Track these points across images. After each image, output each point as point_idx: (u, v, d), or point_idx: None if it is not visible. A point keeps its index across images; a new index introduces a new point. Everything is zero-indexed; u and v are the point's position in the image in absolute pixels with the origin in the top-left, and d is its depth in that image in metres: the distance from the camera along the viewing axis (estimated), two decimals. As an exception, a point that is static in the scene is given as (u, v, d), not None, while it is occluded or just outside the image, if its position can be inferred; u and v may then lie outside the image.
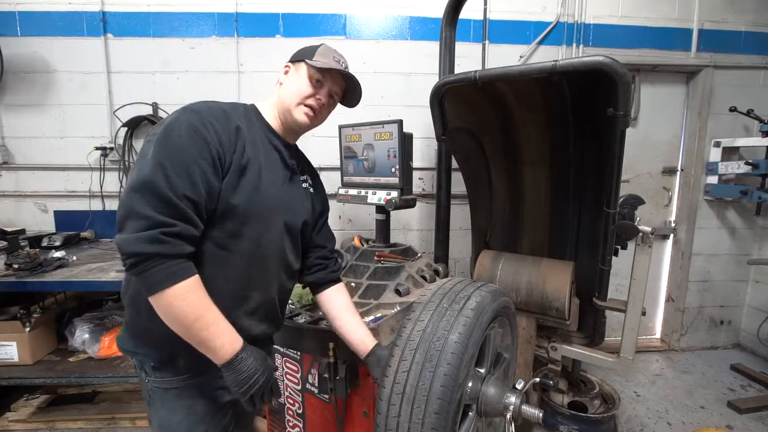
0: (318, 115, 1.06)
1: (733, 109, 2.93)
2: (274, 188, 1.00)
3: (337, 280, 1.24)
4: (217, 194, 0.88)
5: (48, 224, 2.80)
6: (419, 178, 2.92)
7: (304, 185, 1.15)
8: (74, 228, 2.72)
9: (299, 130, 1.08)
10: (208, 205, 0.86)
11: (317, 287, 1.22)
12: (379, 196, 2.01)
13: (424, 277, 1.75)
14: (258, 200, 0.94)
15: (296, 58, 1.06)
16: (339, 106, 1.16)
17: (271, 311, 1.08)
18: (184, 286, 0.80)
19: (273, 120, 1.06)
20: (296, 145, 1.17)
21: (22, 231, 2.63)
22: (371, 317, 1.46)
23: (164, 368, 0.95)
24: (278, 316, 1.13)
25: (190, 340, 0.84)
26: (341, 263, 1.33)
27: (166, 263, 0.78)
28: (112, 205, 2.81)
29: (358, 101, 1.14)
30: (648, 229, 1.77)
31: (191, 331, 0.82)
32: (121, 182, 2.76)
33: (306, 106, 1.02)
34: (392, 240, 2.15)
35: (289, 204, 1.06)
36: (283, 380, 1.63)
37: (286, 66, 1.08)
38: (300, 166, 1.15)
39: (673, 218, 3.26)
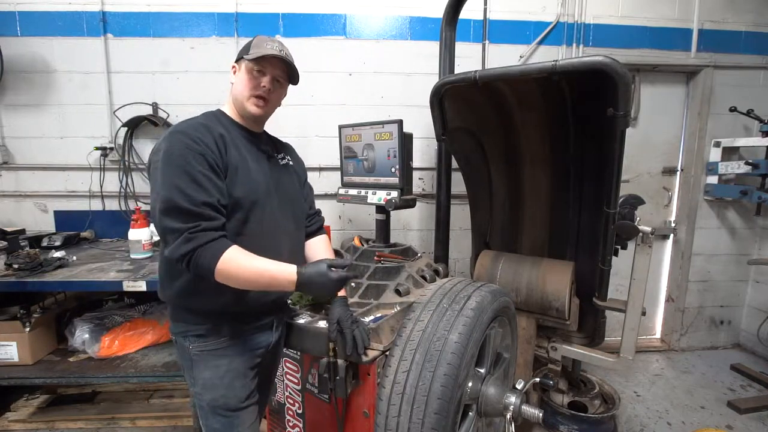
0: (268, 103, 1.19)
1: (733, 109, 2.93)
2: (263, 175, 1.18)
3: (319, 231, 1.47)
4: (225, 191, 1.05)
5: (48, 224, 2.79)
6: (419, 178, 2.92)
7: (283, 162, 1.32)
8: (74, 228, 2.71)
9: (258, 120, 1.23)
10: (222, 201, 1.04)
11: (306, 238, 1.43)
12: (379, 196, 2.01)
13: (424, 277, 1.75)
14: (254, 188, 1.12)
15: (237, 57, 1.19)
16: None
17: None
18: (228, 256, 0.98)
19: (237, 118, 1.21)
20: (265, 131, 1.32)
21: (22, 231, 2.63)
22: (371, 317, 1.46)
23: (209, 335, 1.13)
24: None
25: (259, 288, 1.05)
26: (322, 217, 1.53)
27: (203, 250, 0.97)
28: (112, 205, 2.81)
29: (298, 78, 1.25)
30: (648, 229, 1.77)
31: (255, 284, 1.03)
32: (121, 182, 2.76)
33: (255, 97, 1.16)
34: (392, 240, 2.15)
35: (278, 182, 1.24)
36: (284, 380, 1.63)
37: (233, 67, 1.21)
38: (274, 147, 1.32)
39: (673, 218, 3.25)
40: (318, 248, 1.43)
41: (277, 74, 1.17)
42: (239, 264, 0.99)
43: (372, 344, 1.32)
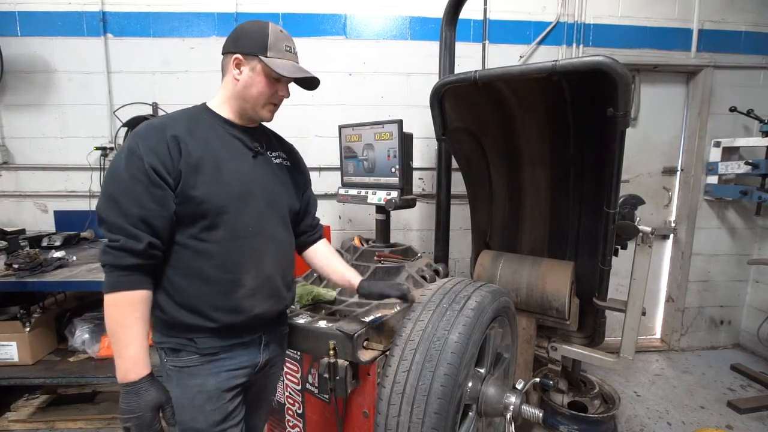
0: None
1: (733, 109, 2.93)
2: (240, 175, 1.06)
3: (319, 239, 1.39)
4: (169, 199, 0.96)
5: (48, 224, 2.79)
6: (419, 178, 2.92)
7: (277, 161, 1.20)
8: (74, 228, 2.71)
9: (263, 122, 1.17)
10: (161, 211, 0.95)
11: (304, 248, 1.38)
12: (379, 196, 2.01)
13: (424, 277, 1.75)
14: (222, 190, 1.01)
15: (247, 51, 1.05)
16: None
17: (272, 288, 1.13)
18: (115, 298, 0.92)
19: (228, 113, 1.11)
20: (260, 126, 1.21)
21: (22, 231, 2.63)
22: (371, 317, 1.46)
23: (181, 351, 1.05)
24: (281, 292, 1.17)
25: (111, 341, 0.95)
26: (321, 225, 1.46)
27: (113, 272, 0.93)
28: (112, 205, 2.81)
29: (317, 87, 1.18)
30: (648, 229, 1.77)
31: (110, 338, 0.94)
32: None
33: (271, 104, 1.11)
34: (392, 240, 2.15)
35: (264, 183, 1.12)
36: (283, 380, 1.63)
37: (236, 58, 1.05)
38: (266, 144, 1.19)
39: (673, 218, 3.25)
40: (326, 254, 1.38)
41: (290, 78, 1.11)
42: (115, 314, 0.92)
43: (372, 344, 1.33)
